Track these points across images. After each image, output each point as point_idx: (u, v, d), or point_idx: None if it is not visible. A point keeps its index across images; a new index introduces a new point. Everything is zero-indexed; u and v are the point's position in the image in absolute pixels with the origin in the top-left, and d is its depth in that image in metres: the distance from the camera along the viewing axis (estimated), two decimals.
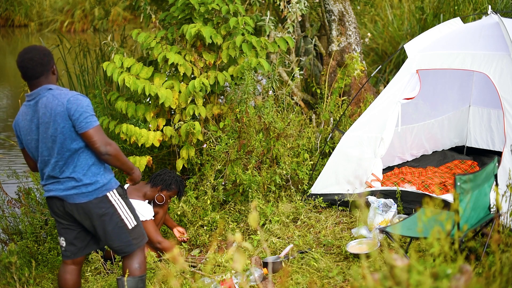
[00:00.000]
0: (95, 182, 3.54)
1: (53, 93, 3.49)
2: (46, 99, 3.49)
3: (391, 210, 4.74)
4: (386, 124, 5.08)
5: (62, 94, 3.49)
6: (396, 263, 1.92)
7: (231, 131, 5.35)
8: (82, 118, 3.42)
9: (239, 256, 1.87)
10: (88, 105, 3.48)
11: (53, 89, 3.52)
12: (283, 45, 5.50)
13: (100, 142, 3.44)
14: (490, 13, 5.25)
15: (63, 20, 18.61)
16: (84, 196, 3.54)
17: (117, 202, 3.60)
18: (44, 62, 3.53)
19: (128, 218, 3.63)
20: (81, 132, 3.44)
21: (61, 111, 3.44)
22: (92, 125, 3.44)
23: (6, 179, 6.23)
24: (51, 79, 3.58)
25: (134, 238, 3.66)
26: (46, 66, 3.54)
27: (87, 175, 3.53)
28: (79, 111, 3.43)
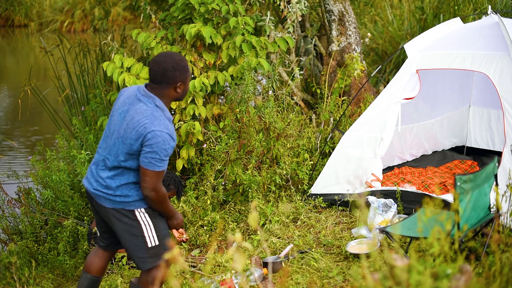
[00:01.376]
0: (125, 195, 3.45)
1: (152, 111, 3.33)
2: (142, 107, 3.35)
3: (391, 210, 4.74)
4: (386, 124, 5.08)
5: (153, 119, 3.31)
6: (396, 263, 1.92)
7: (231, 131, 5.35)
8: (149, 156, 3.29)
9: (239, 256, 1.87)
10: (164, 149, 3.29)
11: (156, 106, 3.36)
12: (283, 45, 5.50)
13: (149, 184, 3.33)
14: (490, 13, 5.25)
15: (63, 20, 18.60)
16: (111, 202, 3.47)
17: (142, 219, 3.48)
18: (169, 73, 3.34)
19: (151, 237, 3.49)
20: (141, 165, 3.34)
21: (139, 133, 3.31)
22: (153, 168, 3.31)
23: (6, 179, 6.23)
24: (167, 93, 3.38)
25: (150, 257, 3.51)
26: (168, 79, 3.35)
27: (120, 189, 3.45)
28: (153, 147, 3.28)
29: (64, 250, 4.94)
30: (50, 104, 7.56)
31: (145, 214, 3.46)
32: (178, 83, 3.35)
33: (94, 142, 5.88)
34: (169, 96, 3.38)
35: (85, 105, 7.21)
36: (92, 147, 5.84)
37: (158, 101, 3.35)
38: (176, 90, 3.37)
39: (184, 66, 3.36)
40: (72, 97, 7.84)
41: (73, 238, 5.14)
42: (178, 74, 3.34)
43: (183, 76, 3.36)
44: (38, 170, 5.66)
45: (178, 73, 3.34)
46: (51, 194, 5.35)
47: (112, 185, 3.43)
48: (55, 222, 5.31)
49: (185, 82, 3.39)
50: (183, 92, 3.42)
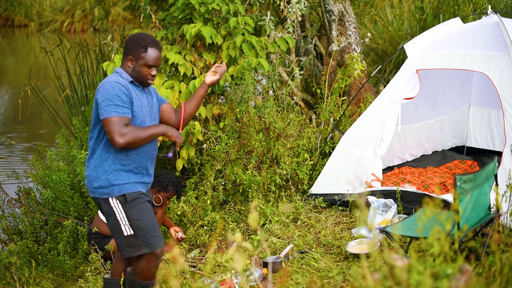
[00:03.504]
0: (96, 179, 3.49)
1: (109, 76, 3.53)
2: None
3: (391, 210, 4.74)
4: (386, 124, 5.08)
5: (105, 79, 3.48)
6: (396, 263, 1.92)
7: (231, 131, 5.35)
8: (104, 105, 3.37)
9: (239, 256, 1.87)
10: (115, 95, 3.37)
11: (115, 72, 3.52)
12: (283, 45, 5.50)
13: (113, 133, 3.35)
14: (490, 13, 5.25)
15: (63, 20, 18.62)
16: (91, 192, 3.54)
17: (116, 207, 3.49)
18: (127, 44, 3.53)
19: (126, 226, 3.48)
20: (101, 119, 3.40)
21: (95, 94, 3.47)
22: (110, 114, 3.35)
23: (6, 179, 6.23)
24: (123, 64, 3.53)
25: (127, 246, 3.51)
26: (125, 49, 3.53)
27: (92, 175, 3.50)
28: (103, 95, 3.38)
29: (64, 250, 4.94)
30: (50, 104, 7.57)
31: (117, 202, 3.47)
32: (129, 56, 3.48)
33: None
34: (125, 68, 3.50)
35: (85, 105, 7.21)
36: None
37: (119, 69, 3.51)
38: (128, 64, 3.49)
39: (142, 45, 3.45)
40: (72, 97, 7.85)
41: (73, 238, 5.14)
42: (133, 48, 3.46)
43: (135, 52, 3.46)
44: (38, 170, 5.66)
45: (133, 47, 3.46)
46: (51, 194, 5.35)
47: (86, 173, 3.53)
48: (55, 222, 5.31)
49: (138, 60, 3.45)
50: (135, 71, 3.47)
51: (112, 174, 3.44)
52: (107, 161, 3.44)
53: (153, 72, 3.50)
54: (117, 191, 3.46)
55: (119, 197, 3.46)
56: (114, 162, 3.45)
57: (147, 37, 3.50)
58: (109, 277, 3.81)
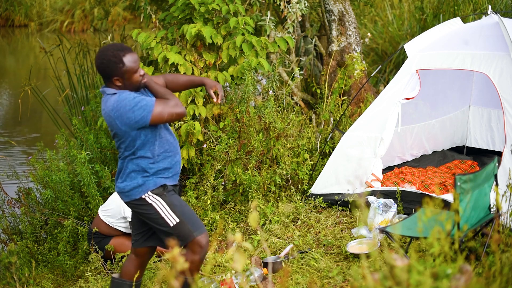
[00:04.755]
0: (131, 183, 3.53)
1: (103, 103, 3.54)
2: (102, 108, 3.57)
3: (391, 210, 4.74)
4: (386, 124, 5.08)
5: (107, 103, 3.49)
6: (396, 263, 1.92)
7: (231, 131, 5.35)
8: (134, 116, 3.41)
9: (239, 256, 1.87)
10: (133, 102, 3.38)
11: (105, 96, 3.52)
12: (283, 45, 5.50)
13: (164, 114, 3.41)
14: (490, 13, 5.25)
15: (63, 20, 18.60)
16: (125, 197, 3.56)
17: (154, 201, 3.49)
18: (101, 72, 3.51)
19: (170, 216, 3.49)
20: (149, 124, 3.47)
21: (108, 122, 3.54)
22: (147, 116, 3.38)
23: (6, 179, 6.24)
24: (112, 86, 3.50)
25: (178, 236, 3.49)
26: (104, 76, 3.51)
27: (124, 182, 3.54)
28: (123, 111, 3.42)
29: (64, 250, 4.94)
30: (50, 104, 7.56)
31: (155, 195, 3.48)
32: (114, 77, 3.40)
33: (94, 142, 5.88)
34: (116, 87, 3.44)
35: (85, 105, 7.21)
36: (92, 147, 5.84)
37: (108, 89, 3.45)
38: (117, 84, 3.42)
39: (114, 61, 3.37)
40: (72, 97, 7.84)
41: (73, 238, 5.14)
42: (109, 71, 3.39)
43: (115, 71, 3.38)
44: (38, 170, 5.66)
45: (109, 70, 3.39)
46: (51, 194, 5.35)
47: (120, 186, 3.54)
48: (55, 222, 5.31)
49: (124, 75, 3.39)
50: (129, 85, 3.43)
51: (145, 176, 3.48)
52: (139, 168, 3.47)
53: (141, 72, 3.46)
54: (153, 184, 3.48)
55: (155, 189, 3.48)
56: (147, 166, 3.47)
57: (114, 50, 3.41)
58: (118, 277, 3.77)
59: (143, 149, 3.44)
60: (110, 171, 5.64)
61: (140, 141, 3.42)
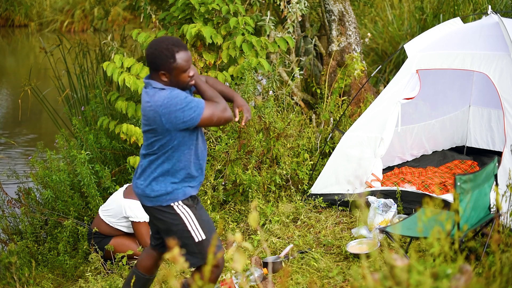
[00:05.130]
0: (155, 190, 3.33)
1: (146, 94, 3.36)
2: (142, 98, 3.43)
3: (391, 210, 4.74)
4: (386, 124, 5.08)
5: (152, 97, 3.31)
6: (396, 263, 1.92)
7: (231, 131, 5.35)
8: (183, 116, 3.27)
9: (239, 256, 1.87)
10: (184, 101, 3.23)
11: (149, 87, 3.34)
12: (283, 45, 5.50)
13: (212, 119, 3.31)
14: (490, 13, 5.25)
15: (63, 20, 18.61)
16: (149, 200, 3.36)
17: (182, 211, 3.32)
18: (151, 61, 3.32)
19: (197, 231, 3.32)
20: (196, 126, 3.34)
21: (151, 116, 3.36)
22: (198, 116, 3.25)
23: (6, 179, 6.24)
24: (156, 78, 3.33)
25: (199, 253, 3.33)
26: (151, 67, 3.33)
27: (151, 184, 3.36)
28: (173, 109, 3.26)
29: (64, 250, 4.95)
30: (50, 104, 7.56)
31: (184, 206, 3.31)
32: (161, 71, 3.25)
33: (94, 142, 5.88)
34: (161, 82, 3.28)
35: (85, 105, 7.21)
36: (92, 147, 5.84)
37: (154, 83, 3.29)
38: (163, 79, 3.27)
39: (166, 55, 3.23)
40: (72, 97, 7.84)
41: (73, 238, 5.14)
42: (160, 63, 3.24)
43: (165, 66, 3.23)
44: (38, 170, 5.66)
45: (160, 61, 3.23)
46: (51, 194, 5.35)
47: (141, 185, 3.36)
48: (55, 222, 5.31)
49: (172, 71, 3.24)
50: (174, 82, 3.28)
51: (174, 183, 3.31)
52: (168, 172, 3.30)
53: (191, 73, 3.30)
54: (182, 194, 3.32)
55: (185, 200, 3.32)
56: (176, 171, 3.31)
57: (168, 44, 3.25)
58: (137, 269, 3.66)
59: (178, 151, 3.27)
60: (110, 171, 5.64)
61: (177, 142, 3.25)
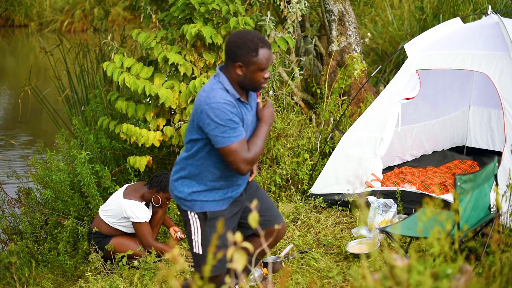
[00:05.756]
0: (180, 191, 3.27)
1: (211, 84, 3.13)
2: (205, 84, 3.20)
3: (391, 210, 4.74)
4: (386, 124, 5.08)
5: (210, 91, 3.10)
6: (396, 263, 1.92)
7: None
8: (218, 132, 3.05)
9: (239, 256, 1.87)
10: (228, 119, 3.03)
11: (216, 79, 3.14)
12: (283, 45, 5.50)
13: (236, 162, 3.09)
14: (490, 13, 5.25)
15: (63, 20, 18.61)
16: (175, 197, 3.33)
17: (193, 221, 3.27)
18: (232, 49, 3.11)
19: (197, 243, 3.29)
20: (217, 148, 3.10)
21: (196, 106, 3.14)
22: (230, 142, 3.05)
23: (6, 179, 6.24)
24: (230, 72, 3.13)
25: (194, 262, 3.35)
26: (229, 56, 3.13)
27: (177, 182, 3.28)
28: (215, 120, 3.04)
29: (64, 250, 4.95)
30: (50, 104, 7.56)
31: (196, 218, 3.25)
32: (238, 62, 3.08)
33: (94, 142, 5.88)
34: (231, 76, 3.12)
35: (85, 105, 7.21)
36: (92, 147, 5.84)
37: (223, 77, 3.12)
38: (237, 71, 3.10)
39: (250, 48, 3.06)
40: (72, 97, 7.84)
41: (73, 238, 5.14)
42: (241, 53, 3.07)
43: (246, 58, 3.07)
44: (38, 170, 5.66)
45: (241, 52, 3.07)
46: (51, 194, 5.35)
47: (172, 177, 3.32)
48: (55, 222, 5.31)
49: (250, 66, 3.08)
50: (247, 78, 3.11)
51: (196, 192, 3.22)
52: (195, 178, 3.22)
53: (266, 75, 3.13)
54: (199, 207, 3.24)
55: (199, 213, 3.24)
56: (203, 181, 3.22)
57: (254, 37, 3.10)
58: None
59: (208, 159, 3.18)
60: (110, 171, 5.64)
61: (209, 149, 3.16)
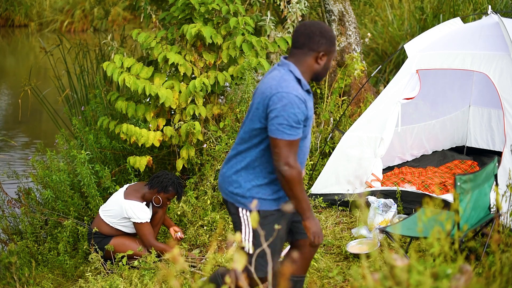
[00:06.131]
0: (238, 185, 3.11)
1: (282, 75, 2.98)
2: (273, 74, 3.03)
3: (391, 210, 4.74)
4: (386, 124, 5.08)
5: (281, 81, 2.96)
6: (396, 263, 1.92)
7: (231, 131, 5.35)
8: (276, 122, 2.92)
9: (239, 256, 1.87)
10: (293, 113, 2.90)
11: (284, 68, 3.01)
12: (283, 45, 5.50)
13: (279, 156, 2.92)
14: (490, 13, 5.25)
15: (63, 20, 18.61)
16: (226, 194, 3.17)
17: (244, 219, 3.13)
18: (314, 38, 3.01)
19: (246, 242, 3.14)
20: (269, 135, 2.96)
21: (265, 96, 2.97)
22: (282, 137, 2.91)
23: (6, 179, 6.24)
24: (307, 61, 3.03)
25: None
26: (311, 44, 3.01)
27: (234, 176, 3.11)
28: (279, 111, 2.90)
29: (64, 250, 4.95)
30: (50, 104, 7.56)
31: (248, 216, 3.10)
32: (321, 52, 3.01)
33: (94, 142, 5.88)
34: (308, 65, 3.03)
35: (85, 105, 7.21)
36: (92, 147, 5.84)
37: (293, 66, 3.01)
38: (317, 61, 3.02)
39: (332, 37, 3.03)
40: (72, 97, 7.84)
41: (73, 238, 5.14)
42: (324, 42, 3.01)
43: (328, 47, 3.02)
44: (38, 170, 5.66)
45: (324, 41, 3.01)
46: (51, 194, 5.35)
47: (225, 172, 3.16)
48: (55, 222, 5.31)
49: (329, 55, 3.04)
50: (324, 68, 3.06)
51: (255, 187, 3.09)
52: (254, 170, 3.08)
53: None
54: (256, 205, 3.11)
55: (251, 211, 3.10)
56: (262, 174, 3.08)
57: (326, 26, 3.05)
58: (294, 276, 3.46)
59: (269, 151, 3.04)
60: (110, 171, 5.64)
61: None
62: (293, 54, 3.06)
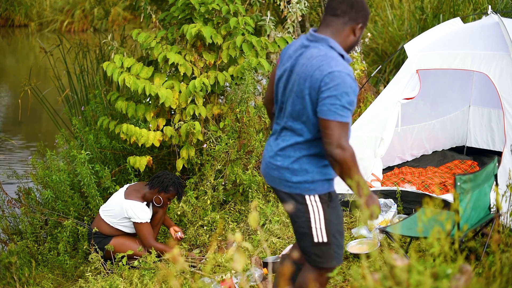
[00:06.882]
0: (304, 170, 2.86)
1: (325, 52, 2.79)
2: (312, 52, 2.82)
3: (391, 210, 4.75)
4: (386, 124, 5.08)
5: (329, 59, 2.76)
6: (396, 263, 1.92)
7: (231, 131, 5.35)
8: (328, 102, 2.72)
9: (239, 256, 1.87)
10: (345, 92, 2.71)
11: (329, 47, 2.82)
12: (283, 45, 5.49)
13: (331, 138, 2.73)
14: (490, 13, 5.25)
15: (63, 20, 18.62)
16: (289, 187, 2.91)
17: (312, 204, 2.88)
18: (357, 7, 2.83)
19: (318, 230, 2.88)
20: (319, 116, 2.76)
21: (314, 78, 2.76)
22: (334, 118, 2.72)
23: (6, 179, 6.24)
24: (344, 32, 2.85)
25: (314, 254, 2.92)
26: (352, 13, 2.83)
27: (297, 163, 2.87)
28: (331, 91, 2.71)
29: (64, 250, 4.95)
30: (50, 104, 7.56)
31: (318, 200, 2.86)
32: (360, 24, 2.85)
33: (94, 142, 5.89)
34: (345, 36, 2.85)
35: (85, 105, 7.21)
36: (92, 147, 5.84)
37: (332, 41, 2.83)
38: (354, 33, 2.85)
39: (369, 10, 2.88)
40: (72, 97, 7.84)
41: (73, 238, 5.14)
42: (364, 14, 2.85)
43: (365, 20, 2.86)
44: (38, 170, 5.66)
45: (364, 13, 2.85)
46: (51, 194, 5.35)
47: (281, 164, 2.91)
48: (55, 222, 5.31)
49: (363, 27, 2.88)
50: (356, 42, 2.89)
51: (322, 168, 2.88)
52: (317, 154, 2.88)
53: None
54: (325, 187, 2.89)
55: (322, 195, 2.88)
56: (324, 156, 2.88)
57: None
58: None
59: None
60: (110, 171, 5.64)
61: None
62: (328, 24, 2.86)
